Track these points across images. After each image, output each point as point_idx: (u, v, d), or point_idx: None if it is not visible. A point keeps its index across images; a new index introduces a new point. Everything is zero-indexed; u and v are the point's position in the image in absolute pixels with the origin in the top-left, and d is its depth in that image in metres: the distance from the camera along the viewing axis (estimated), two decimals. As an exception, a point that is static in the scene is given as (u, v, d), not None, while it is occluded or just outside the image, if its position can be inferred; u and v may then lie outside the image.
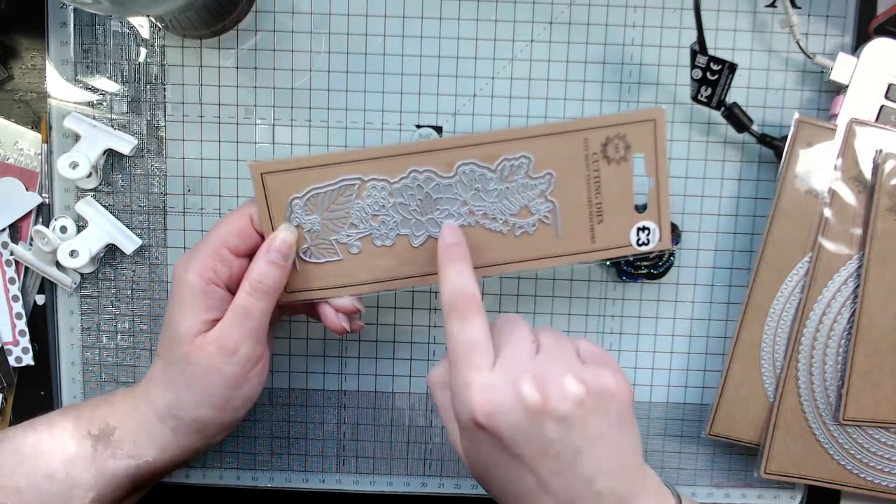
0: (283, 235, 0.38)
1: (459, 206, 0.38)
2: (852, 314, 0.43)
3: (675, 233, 0.45)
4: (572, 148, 0.38)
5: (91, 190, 0.45)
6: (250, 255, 0.38)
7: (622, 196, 0.39)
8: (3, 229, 0.45)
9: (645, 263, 0.45)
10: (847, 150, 0.42)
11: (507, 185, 0.38)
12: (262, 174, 0.37)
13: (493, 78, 0.45)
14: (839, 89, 0.44)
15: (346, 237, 0.39)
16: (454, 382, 0.35)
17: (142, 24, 0.45)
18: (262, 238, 0.38)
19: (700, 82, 0.42)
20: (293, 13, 0.45)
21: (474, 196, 0.38)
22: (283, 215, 0.38)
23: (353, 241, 0.39)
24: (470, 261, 0.37)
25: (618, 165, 0.38)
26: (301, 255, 0.39)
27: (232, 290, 0.38)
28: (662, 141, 0.38)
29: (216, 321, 0.37)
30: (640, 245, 0.39)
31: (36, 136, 0.45)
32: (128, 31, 0.45)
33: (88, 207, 0.45)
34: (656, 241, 0.39)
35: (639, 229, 0.39)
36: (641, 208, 0.39)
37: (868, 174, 0.42)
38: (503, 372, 0.34)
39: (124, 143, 0.45)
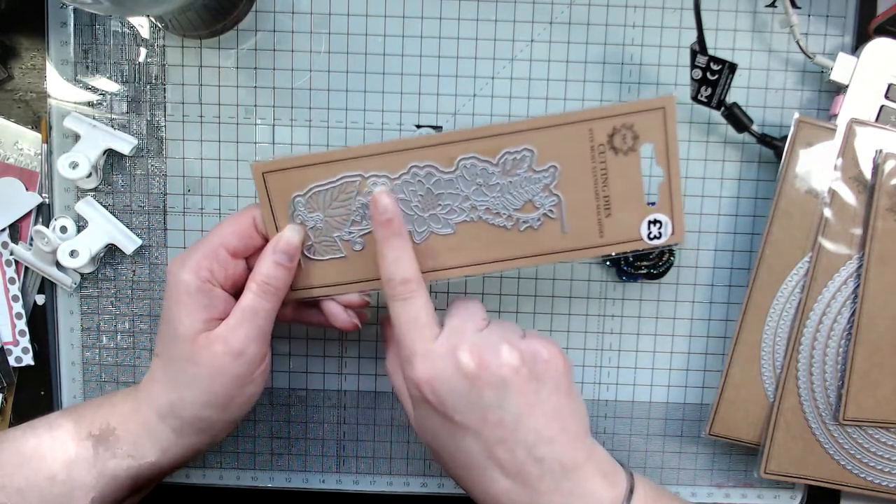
0: (287, 236, 0.38)
1: (462, 202, 0.38)
2: (852, 314, 0.43)
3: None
4: (577, 139, 0.37)
5: (91, 190, 0.45)
6: (248, 258, 0.39)
7: (631, 188, 0.37)
8: (3, 229, 0.45)
9: (645, 263, 0.45)
10: (847, 150, 0.42)
11: (510, 180, 0.37)
12: (263, 173, 0.37)
13: (493, 78, 0.45)
14: (839, 89, 0.44)
15: (348, 234, 0.38)
16: (402, 357, 0.37)
17: (142, 24, 0.45)
18: (265, 240, 0.38)
19: (700, 82, 0.42)
20: (293, 13, 0.45)
21: (476, 191, 0.37)
22: (286, 214, 0.38)
23: (355, 237, 0.38)
24: (406, 236, 0.37)
25: (625, 157, 0.37)
26: (305, 252, 0.39)
27: (227, 290, 0.38)
28: (673, 130, 0.36)
29: (215, 320, 0.37)
30: (651, 239, 0.38)
31: (36, 136, 0.45)
32: (128, 31, 0.45)
33: (88, 207, 0.45)
34: (668, 234, 0.38)
35: (650, 222, 0.38)
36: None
37: (868, 174, 0.42)
38: (445, 343, 0.35)
39: (124, 143, 0.45)
